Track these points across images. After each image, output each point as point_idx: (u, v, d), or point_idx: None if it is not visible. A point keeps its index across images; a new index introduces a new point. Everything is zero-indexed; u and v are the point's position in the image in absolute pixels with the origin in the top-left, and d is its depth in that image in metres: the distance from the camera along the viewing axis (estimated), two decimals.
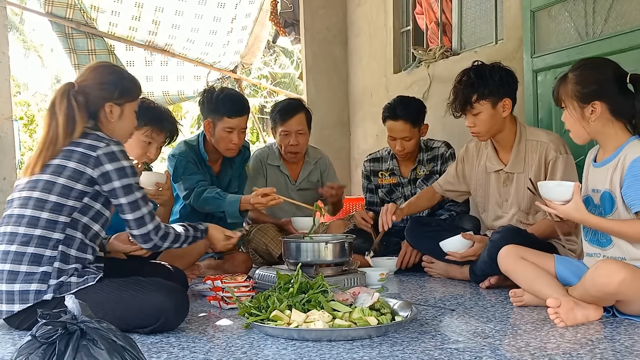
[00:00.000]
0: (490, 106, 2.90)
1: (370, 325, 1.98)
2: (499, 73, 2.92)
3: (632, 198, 2.14)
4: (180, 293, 2.21)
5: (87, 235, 2.22)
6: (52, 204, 2.14)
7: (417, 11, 4.94)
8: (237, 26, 6.44)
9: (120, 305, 2.09)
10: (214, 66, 6.70)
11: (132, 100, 2.40)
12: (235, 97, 3.55)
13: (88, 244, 2.22)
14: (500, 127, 2.96)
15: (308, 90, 5.77)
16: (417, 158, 3.73)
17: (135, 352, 1.41)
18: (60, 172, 2.16)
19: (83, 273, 2.16)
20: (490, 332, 2.04)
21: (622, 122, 2.25)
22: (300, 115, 3.81)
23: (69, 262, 2.15)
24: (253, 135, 12.34)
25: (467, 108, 2.92)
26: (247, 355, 1.85)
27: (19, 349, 1.36)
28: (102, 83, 2.32)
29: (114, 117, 2.34)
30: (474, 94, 2.88)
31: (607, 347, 1.83)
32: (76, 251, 2.18)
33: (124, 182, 2.21)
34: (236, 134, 3.45)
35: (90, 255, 2.23)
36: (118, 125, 2.36)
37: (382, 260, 3.36)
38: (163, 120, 2.99)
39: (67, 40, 5.71)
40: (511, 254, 2.46)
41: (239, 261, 3.52)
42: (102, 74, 2.35)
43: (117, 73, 2.42)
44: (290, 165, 3.97)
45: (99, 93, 2.31)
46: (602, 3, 3.16)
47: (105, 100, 2.31)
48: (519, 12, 3.68)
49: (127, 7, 5.86)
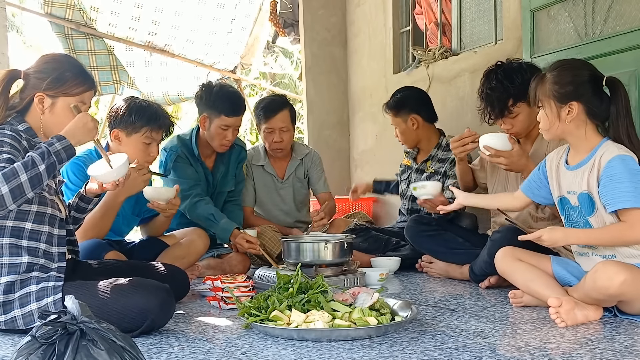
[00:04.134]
0: (526, 106, 2.83)
1: (370, 325, 1.98)
2: (524, 72, 2.85)
3: (608, 198, 2.15)
4: (163, 290, 2.12)
5: (22, 236, 2.10)
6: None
7: (416, 11, 4.94)
8: (236, 26, 6.44)
9: (103, 310, 1.99)
10: (213, 66, 6.70)
11: (67, 94, 2.19)
12: (234, 96, 3.59)
13: (22, 246, 2.08)
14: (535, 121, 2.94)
15: (307, 91, 5.77)
16: (431, 153, 3.73)
17: (135, 352, 1.41)
18: None
19: (40, 294, 2.04)
20: (490, 332, 2.04)
21: (594, 124, 2.26)
22: (284, 113, 3.82)
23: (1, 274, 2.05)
24: (253, 135, 12.33)
25: (505, 114, 2.87)
26: (247, 355, 1.85)
27: (18, 350, 1.36)
28: (37, 71, 2.19)
29: (42, 108, 2.17)
30: (510, 99, 2.84)
31: (607, 347, 1.83)
32: (8, 258, 2.06)
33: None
34: (231, 132, 3.52)
35: (25, 257, 2.07)
36: (49, 119, 2.19)
37: (382, 260, 3.36)
38: (159, 118, 2.92)
39: (67, 40, 5.71)
40: (507, 255, 2.47)
41: (237, 261, 3.53)
42: (42, 62, 2.22)
43: (57, 62, 2.23)
44: (275, 164, 4.00)
45: (33, 82, 2.18)
46: (602, 3, 3.16)
47: (35, 88, 2.17)
48: (519, 13, 3.68)
49: (127, 8, 5.86)
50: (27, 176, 1.92)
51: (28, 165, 1.94)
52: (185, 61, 6.45)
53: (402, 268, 3.40)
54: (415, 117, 3.68)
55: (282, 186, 3.97)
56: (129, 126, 2.83)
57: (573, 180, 2.31)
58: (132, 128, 2.83)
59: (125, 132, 2.85)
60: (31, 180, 1.93)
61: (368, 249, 3.59)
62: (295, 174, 4.00)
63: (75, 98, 2.21)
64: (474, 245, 3.10)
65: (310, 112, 5.74)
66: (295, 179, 4.01)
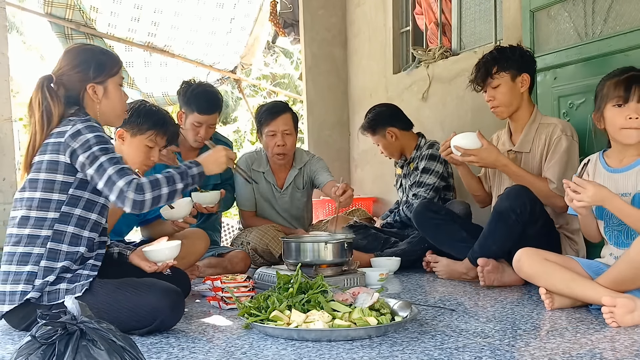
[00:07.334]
0: (509, 79, 3.03)
1: (370, 325, 1.98)
2: (519, 51, 3.09)
3: None
4: (175, 293, 2.17)
5: (86, 227, 2.17)
6: (38, 201, 2.12)
7: (416, 11, 4.94)
8: (236, 26, 6.43)
9: (115, 307, 2.07)
10: (213, 67, 6.70)
11: (112, 74, 2.28)
12: (209, 95, 3.68)
13: (83, 236, 2.16)
14: (518, 103, 3.06)
15: (308, 91, 5.77)
16: (412, 155, 3.93)
17: (135, 353, 1.41)
18: (39, 168, 2.13)
19: (73, 279, 2.12)
20: (490, 332, 2.04)
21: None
22: (287, 116, 3.81)
23: (58, 259, 2.11)
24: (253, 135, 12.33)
25: (488, 80, 3.05)
26: (246, 355, 1.85)
27: (18, 350, 1.36)
28: (75, 66, 2.23)
29: (98, 97, 2.25)
30: (495, 66, 3.04)
31: (606, 347, 1.83)
32: (67, 246, 2.13)
33: (87, 154, 2.09)
34: (204, 129, 3.64)
35: (83, 247, 2.15)
36: (106, 104, 2.27)
37: (382, 260, 3.36)
38: (166, 123, 2.95)
39: (67, 40, 5.71)
40: (533, 256, 2.42)
41: (239, 259, 3.53)
42: (72, 56, 2.25)
43: (88, 51, 2.30)
44: (276, 172, 3.95)
45: (76, 77, 2.22)
46: (602, 3, 3.16)
47: (84, 82, 2.23)
48: (519, 13, 3.68)
49: (126, 9, 5.85)
50: (167, 190, 2.16)
51: (170, 180, 2.18)
52: (185, 61, 6.44)
53: (401, 267, 3.40)
54: (391, 130, 3.91)
55: (280, 196, 3.93)
56: (135, 127, 2.84)
57: (626, 181, 2.33)
58: (138, 129, 2.84)
59: (130, 133, 2.85)
60: (169, 194, 2.18)
61: (367, 247, 3.60)
62: (294, 183, 3.96)
63: (117, 76, 2.31)
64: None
65: (310, 112, 5.74)
66: (295, 189, 3.97)
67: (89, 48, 2.37)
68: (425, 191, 3.72)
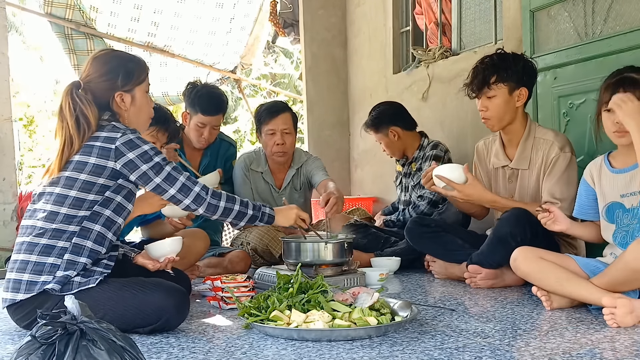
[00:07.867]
0: (506, 91, 2.90)
1: (370, 325, 1.98)
2: (523, 62, 2.95)
3: None
4: (181, 293, 2.20)
5: (111, 228, 2.21)
6: (73, 199, 2.14)
7: (416, 11, 4.94)
8: (235, 26, 6.43)
9: (121, 304, 2.09)
10: (213, 67, 6.69)
11: (140, 82, 2.31)
12: (214, 96, 3.71)
13: (107, 237, 2.20)
14: (511, 117, 2.94)
15: (308, 91, 5.76)
16: (414, 155, 3.94)
17: (135, 353, 1.41)
18: (81, 169, 2.15)
19: (88, 273, 2.14)
20: (490, 332, 2.04)
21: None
22: (287, 115, 3.80)
23: (81, 254, 2.13)
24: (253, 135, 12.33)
25: (484, 89, 2.91)
26: (246, 355, 1.85)
27: (18, 350, 1.36)
28: (103, 74, 2.25)
29: (126, 105, 2.28)
30: (494, 75, 2.89)
31: (607, 347, 1.83)
32: (92, 243, 2.16)
33: (150, 164, 2.18)
34: (207, 130, 3.68)
35: (104, 248, 2.19)
36: (133, 112, 2.30)
37: (382, 260, 3.36)
38: (168, 121, 3.00)
39: (67, 40, 5.71)
40: (529, 255, 2.42)
41: (239, 259, 3.52)
42: (101, 64, 2.27)
43: (117, 59, 2.31)
44: (274, 173, 3.94)
45: (104, 85, 2.25)
46: (602, 3, 3.16)
47: (112, 91, 2.25)
48: (519, 13, 3.67)
49: (126, 9, 5.85)
50: (238, 208, 2.37)
51: (244, 203, 2.40)
52: (185, 61, 6.44)
53: (401, 266, 3.40)
54: (394, 129, 3.91)
55: (278, 196, 3.93)
56: None
57: (631, 181, 2.33)
58: None
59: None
60: (238, 213, 2.38)
61: (367, 247, 3.60)
62: (292, 184, 3.95)
63: (145, 83, 2.33)
64: (473, 247, 3.09)
65: (310, 112, 5.74)
66: (292, 189, 3.96)
67: (117, 55, 2.36)
68: (430, 192, 3.71)
